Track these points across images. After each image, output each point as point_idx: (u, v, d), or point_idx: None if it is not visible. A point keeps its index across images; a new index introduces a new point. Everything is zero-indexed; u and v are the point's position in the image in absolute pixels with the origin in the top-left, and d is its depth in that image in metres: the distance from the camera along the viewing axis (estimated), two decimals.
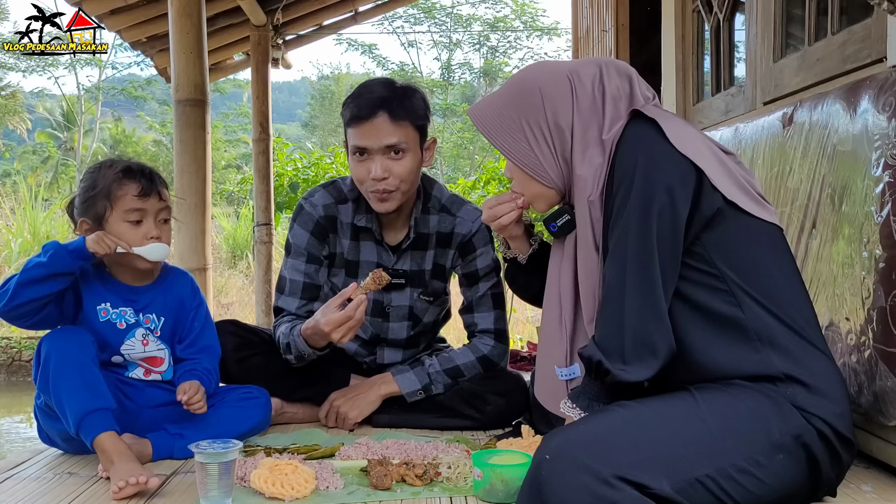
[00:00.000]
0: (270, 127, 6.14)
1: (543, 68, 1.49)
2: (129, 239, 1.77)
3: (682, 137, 1.33)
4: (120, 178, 1.78)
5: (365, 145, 1.95)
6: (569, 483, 1.14)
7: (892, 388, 1.43)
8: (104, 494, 1.57)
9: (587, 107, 1.42)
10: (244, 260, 12.78)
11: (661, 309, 1.30)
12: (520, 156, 1.48)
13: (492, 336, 2.13)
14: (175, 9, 3.66)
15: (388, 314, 2.16)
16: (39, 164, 23.43)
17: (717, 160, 1.35)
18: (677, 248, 1.32)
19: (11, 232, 10.76)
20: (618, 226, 1.34)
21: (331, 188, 2.14)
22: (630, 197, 1.32)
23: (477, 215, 2.13)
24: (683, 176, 1.31)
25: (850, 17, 1.97)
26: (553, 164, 1.46)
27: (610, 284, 1.34)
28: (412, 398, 2.06)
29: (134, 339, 1.84)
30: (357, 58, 46.42)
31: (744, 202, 1.34)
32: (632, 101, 1.42)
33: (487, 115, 1.50)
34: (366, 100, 1.95)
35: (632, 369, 1.29)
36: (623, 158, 1.36)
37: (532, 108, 1.45)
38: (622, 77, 1.44)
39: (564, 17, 25.60)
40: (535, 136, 1.45)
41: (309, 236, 2.10)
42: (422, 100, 2.02)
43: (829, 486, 1.32)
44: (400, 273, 2.12)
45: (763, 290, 1.32)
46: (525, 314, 9.09)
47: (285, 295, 2.11)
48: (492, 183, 7.02)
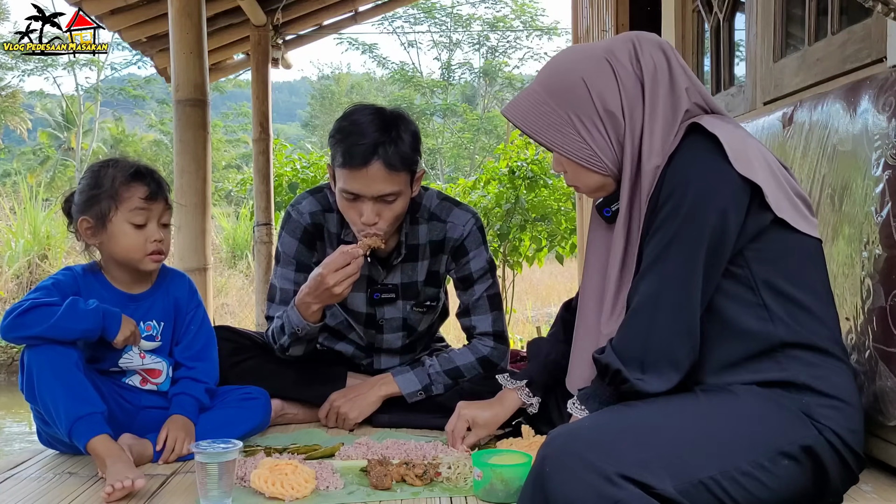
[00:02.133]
0: (270, 127, 6.14)
1: (579, 55, 1.44)
2: (131, 242, 1.77)
3: (740, 152, 1.29)
4: (129, 180, 1.77)
5: (356, 192, 1.89)
6: (573, 480, 1.14)
7: (892, 388, 1.43)
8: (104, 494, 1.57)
9: (632, 86, 1.39)
10: (244, 260, 12.78)
11: (694, 328, 1.30)
12: (573, 149, 1.43)
13: (491, 338, 2.12)
14: (175, 9, 3.66)
15: (382, 326, 2.16)
16: (38, 165, 23.42)
17: (772, 174, 1.32)
18: (720, 270, 1.31)
19: (12, 232, 10.75)
20: (658, 237, 1.32)
21: (318, 196, 2.11)
22: (679, 213, 1.30)
23: (467, 217, 2.11)
24: (738, 197, 1.29)
25: (850, 17, 1.97)
26: (608, 151, 1.42)
27: (643, 296, 1.32)
28: (412, 398, 2.06)
29: (132, 353, 1.83)
30: (357, 58, 46.55)
31: (791, 217, 1.32)
32: (671, 74, 1.39)
33: (528, 114, 1.45)
34: (360, 147, 1.85)
35: (650, 380, 1.29)
36: (676, 172, 1.33)
37: (579, 100, 1.40)
38: (657, 51, 1.41)
39: (564, 17, 25.59)
40: (587, 126, 1.41)
41: (297, 244, 2.09)
42: (413, 135, 1.94)
43: (835, 496, 1.32)
44: (389, 287, 2.11)
45: (797, 303, 1.31)
46: (525, 314, 9.09)
47: (276, 303, 2.10)
48: (492, 183, 7.01)
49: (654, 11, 3.49)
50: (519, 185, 6.68)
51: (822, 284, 1.36)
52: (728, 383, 1.32)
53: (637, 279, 1.36)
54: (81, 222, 1.79)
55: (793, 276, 1.32)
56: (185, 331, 1.91)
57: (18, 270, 10.33)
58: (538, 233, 6.92)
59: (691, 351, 1.31)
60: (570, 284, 10.52)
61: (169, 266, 1.96)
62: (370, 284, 2.12)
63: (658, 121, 1.38)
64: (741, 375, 1.32)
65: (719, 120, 1.36)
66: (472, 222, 2.12)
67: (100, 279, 1.84)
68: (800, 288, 1.32)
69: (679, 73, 1.40)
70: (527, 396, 1.76)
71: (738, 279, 1.32)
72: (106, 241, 1.79)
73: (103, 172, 1.79)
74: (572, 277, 9.24)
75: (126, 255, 1.79)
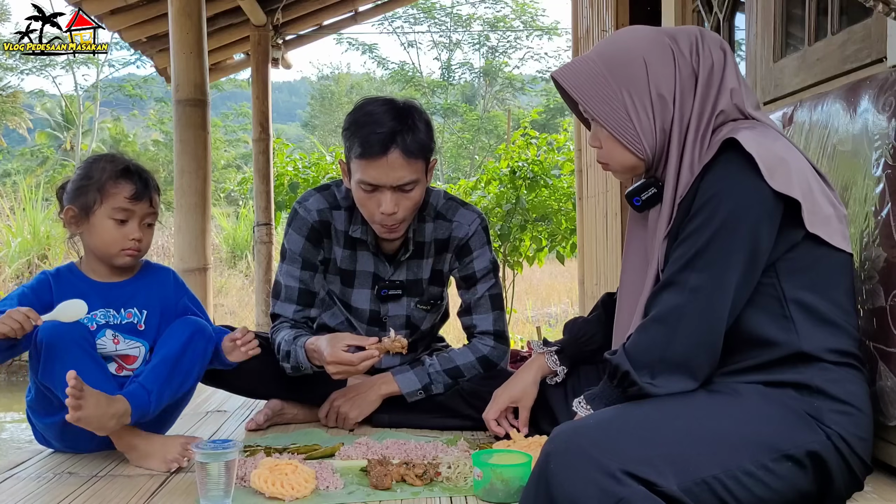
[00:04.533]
0: (270, 127, 6.15)
1: (643, 35, 1.43)
2: (109, 237, 1.81)
3: (776, 168, 1.28)
4: (116, 177, 1.81)
5: (376, 182, 1.89)
6: (576, 476, 1.14)
7: (892, 388, 1.43)
8: (104, 494, 1.57)
9: (687, 76, 1.39)
10: (244, 260, 12.78)
11: (716, 342, 1.30)
12: (617, 125, 1.42)
13: (491, 337, 2.13)
14: (175, 8, 3.66)
15: (385, 323, 2.16)
16: (37, 165, 23.42)
17: (808, 189, 1.30)
18: (752, 285, 1.31)
19: (11, 231, 10.76)
20: (686, 247, 1.31)
21: (325, 193, 2.11)
22: (709, 226, 1.29)
23: (473, 217, 2.12)
24: (771, 214, 1.28)
25: (850, 17, 1.97)
26: (650, 135, 1.41)
27: (667, 307, 1.31)
28: (412, 398, 2.06)
29: (105, 339, 1.84)
30: (357, 58, 46.49)
31: (824, 232, 1.31)
32: (724, 74, 1.39)
33: (581, 81, 1.44)
34: (377, 136, 1.86)
35: (660, 384, 1.29)
36: (709, 186, 1.31)
37: (634, 78, 1.39)
38: (717, 48, 1.41)
39: (564, 17, 25.60)
40: (637, 105, 1.40)
41: (304, 241, 2.09)
42: (427, 124, 1.96)
43: (838, 501, 1.31)
44: (397, 284, 2.12)
45: (821, 315, 1.31)
46: (525, 314, 9.10)
47: (281, 301, 2.10)
48: (492, 183, 7.00)
49: (655, 11, 3.49)
50: (519, 185, 6.68)
51: (846, 296, 1.35)
52: (735, 382, 1.32)
53: (659, 287, 1.35)
54: (67, 210, 1.83)
55: (820, 287, 1.31)
56: (180, 315, 1.90)
57: (18, 270, 10.34)
58: (538, 233, 6.92)
59: (709, 365, 1.30)
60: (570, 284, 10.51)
61: (163, 265, 2.00)
62: (376, 281, 2.12)
63: (704, 118, 1.38)
64: (752, 376, 1.32)
65: (757, 133, 1.33)
66: (478, 222, 2.13)
67: (76, 273, 1.87)
68: (826, 299, 1.31)
69: (731, 74, 1.40)
70: (554, 363, 1.83)
71: (766, 290, 1.31)
72: (86, 232, 1.84)
73: (96, 165, 1.83)
74: (572, 277, 9.23)
75: (102, 249, 1.83)
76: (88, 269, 1.88)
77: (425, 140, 1.92)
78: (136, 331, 1.87)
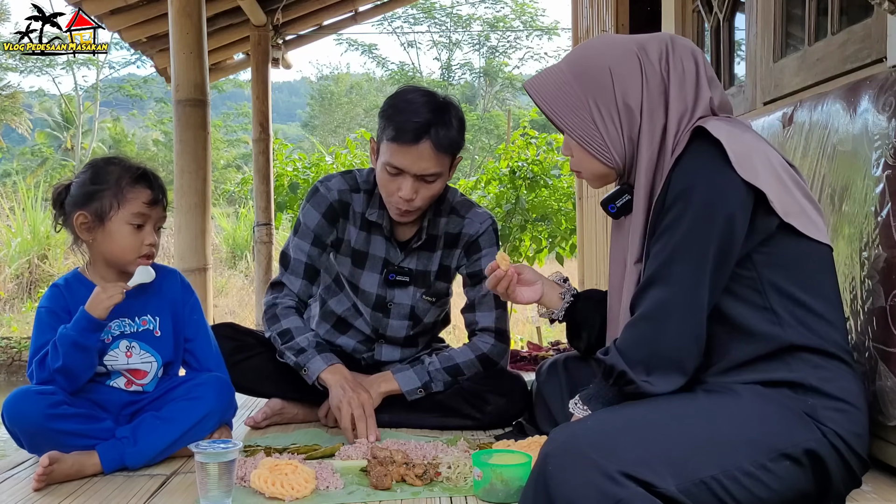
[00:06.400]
0: (270, 127, 6.15)
1: (610, 44, 1.43)
2: (127, 243, 1.76)
3: (745, 159, 1.28)
4: (134, 182, 1.77)
5: (402, 167, 1.94)
6: (575, 478, 1.14)
7: (892, 388, 1.43)
8: (104, 494, 1.57)
9: (656, 86, 1.38)
10: (244, 260, 12.79)
11: (701, 334, 1.30)
12: (584, 134, 1.43)
13: (492, 335, 2.13)
14: (175, 9, 3.66)
15: (390, 310, 2.17)
16: (37, 165, 23.42)
17: (778, 179, 1.31)
18: (727, 274, 1.31)
19: (11, 231, 10.77)
20: (664, 241, 1.32)
21: (348, 176, 2.15)
22: (684, 219, 1.29)
23: (485, 217, 2.16)
24: (744, 203, 1.28)
25: (850, 16, 1.97)
26: (618, 144, 1.42)
27: (653, 302, 1.32)
28: (412, 396, 2.06)
29: (117, 351, 1.80)
30: (357, 58, 46.51)
31: (800, 223, 1.31)
32: (697, 83, 1.38)
33: (549, 91, 1.44)
34: (412, 124, 1.91)
35: (656, 381, 1.30)
36: (681, 177, 1.32)
37: (600, 88, 1.40)
38: (688, 56, 1.40)
39: (564, 17, 25.61)
40: (603, 115, 1.41)
41: (320, 218, 2.11)
42: (460, 122, 2.00)
43: (837, 498, 1.31)
44: (405, 271, 2.13)
45: (805, 307, 1.31)
46: (525, 314, 9.09)
47: (288, 273, 2.13)
48: (492, 183, 7.01)
49: (655, 11, 3.49)
50: (519, 185, 6.68)
51: (831, 289, 1.35)
52: (731, 382, 1.32)
53: (643, 284, 1.35)
54: (78, 216, 1.76)
55: (801, 280, 1.31)
56: (187, 320, 1.89)
57: (18, 270, 10.34)
58: (538, 233, 6.92)
59: (697, 356, 1.31)
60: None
61: (168, 266, 1.96)
62: (386, 266, 2.14)
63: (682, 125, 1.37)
64: (746, 375, 1.32)
65: (725, 123, 1.35)
66: (489, 222, 2.17)
67: (84, 282, 1.80)
68: (808, 292, 1.31)
69: (704, 84, 1.39)
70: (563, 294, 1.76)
71: (745, 281, 1.32)
72: (100, 239, 1.77)
73: (107, 169, 1.78)
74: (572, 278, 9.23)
75: (119, 255, 1.78)
76: (96, 276, 1.81)
77: (456, 137, 1.97)
78: (153, 338, 1.83)
